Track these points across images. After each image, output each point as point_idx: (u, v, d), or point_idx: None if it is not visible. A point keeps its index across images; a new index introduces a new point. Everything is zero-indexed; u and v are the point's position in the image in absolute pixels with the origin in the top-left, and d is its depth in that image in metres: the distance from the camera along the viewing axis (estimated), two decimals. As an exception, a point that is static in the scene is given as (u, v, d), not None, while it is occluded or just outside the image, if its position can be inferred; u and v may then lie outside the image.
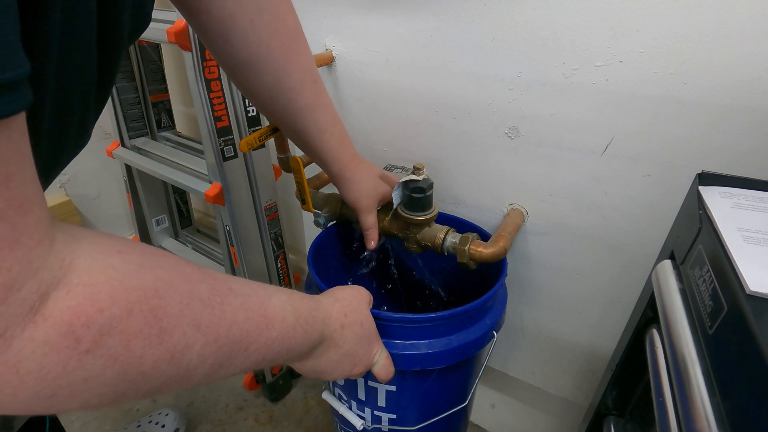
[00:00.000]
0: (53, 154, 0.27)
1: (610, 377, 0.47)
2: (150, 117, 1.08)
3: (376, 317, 0.47)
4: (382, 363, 0.46)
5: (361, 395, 0.59)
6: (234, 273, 0.94)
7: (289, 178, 0.94)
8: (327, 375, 0.42)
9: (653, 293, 0.37)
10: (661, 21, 0.47)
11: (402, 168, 0.68)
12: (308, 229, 1.03)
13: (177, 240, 1.23)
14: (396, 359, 0.49)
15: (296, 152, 0.63)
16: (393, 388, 0.57)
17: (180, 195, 1.23)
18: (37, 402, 0.21)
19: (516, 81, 0.58)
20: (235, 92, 0.79)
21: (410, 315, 0.50)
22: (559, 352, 0.75)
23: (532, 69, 0.56)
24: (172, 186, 1.19)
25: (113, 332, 0.21)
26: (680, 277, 0.35)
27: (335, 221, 0.67)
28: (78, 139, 0.30)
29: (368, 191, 0.57)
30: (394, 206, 0.59)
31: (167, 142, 1.09)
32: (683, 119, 0.49)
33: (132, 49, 0.99)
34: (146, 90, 1.04)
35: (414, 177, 0.54)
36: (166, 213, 1.21)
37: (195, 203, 1.38)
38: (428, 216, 0.57)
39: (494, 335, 0.55)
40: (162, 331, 0.24)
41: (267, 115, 0.54)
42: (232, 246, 0.88)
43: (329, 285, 0.49)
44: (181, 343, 0.25)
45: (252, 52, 0.43)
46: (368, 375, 0.47)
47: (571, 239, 0.64)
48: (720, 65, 0.46)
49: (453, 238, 0.57)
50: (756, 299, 0.25)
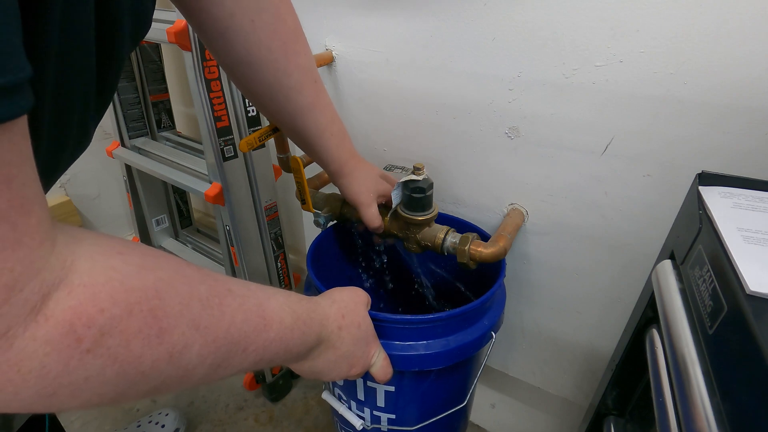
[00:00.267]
0: (53, 155, 0.27)
1: (610, 377, 0.47)
2: (150, 117, 1.08)
3: (374, 318, 0.47)
4: (380, 364, 0.46)
5: (361, 395, 0.59)
6: (234, 273, 0.94)
7: (289, 178, 0.94)
8: (325, 376, 0.42)
9: (653, 293, 0.37)
10: (661, 21, 0.47)
11: (402, 168, 0.68)
12: (308, 229, 1.03)
13: (177, 240, 1.23)
14: (394, 360, 0.49)
15: (296, 152, 0.63)
16: (392, 389, 0.57)
17: (180, 195, 1.23)
18: (39, 400, 0.21)
19: (516, 81, 0.58)
20: (235, 92, 0.79)
21: (408, 316, 0.50)
22: (559, 352, 0.75)
23: (532, 69, 0.56)
24: (172, 186, 1.19)
25: (113, 332, 0.22)
26: (680, 277, 0.35)
27: (335, 221, 0.67)
28: (79, 141, 0.30)
29: (367, 186, 0.57)
30: (394, 206, 0.59)
31: (167, 142, 1.09)
32: (683, 119, 0.49)
33: (133, 51, 0.99)
34: (146, 90, 1.04)
35: (414, 177, 0.54)
36: (166, 213, 1.21)
37: (195, 203, 1.38)
38: (428, 216, 0.57)
39: (492, 336, 0.55)
40: (161, 332, 0.24)
41: (266, 115, 0.54)
42: (232, 246, 0.88)
43: (328, 286, 0.49)
44: (180, 344, 0.25)
45: (252, 52, 0.43)
46: (367, 375, 0.47)
47: (571, 239, 0.64)
48: (720, 65, 0.45)
49: (453, 238, 0.57)
50: (756, 299, 0.25)
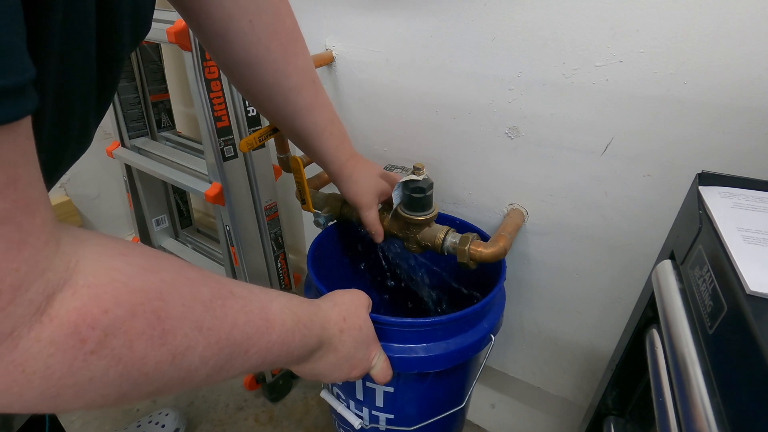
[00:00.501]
0: (54, 156, 0.27)
1: (610, 377, 0.47)
2: (150, 117, 1.08)
3: (375, 321, 0.47)
4: (380, 366, 0.46)
5: (360, 395, 0.59)
6: (234, 273, 0.94)
7: (289, 178, 0.94)
8: (325, 378, 0.42)
9: (653, 293, 0.37)
10: (661, 21, 0.47)
11: (402, 168, 0.68)
12: (308, 229, 1.03)
13: (177, 240, 1.23)
14: (394, 362, 0.49)
15: (296, 152, 0.63)
16: (391, 389, 0.57)
17: (180, 195, 1.23)
18: (43, 401, 0.21)
19: (516, 81, 0.58)
20: (235, 92, 0.79)
21: (408, 319, 0.50)
22: (559, 352, 0.75)
23: (532, 69, 0.56)
24: (172, 186, 1.19)
25: (117, 333, 0.22)
26: (680, 277, 0.35)
27: (335, 221, 0.67)
28: (80, 142, 0.30)
29: (368, 188, 0.57)
30: (394, 206, 0.59)
31: (167, 142, 1.09)
32: (683, 119, 0.49)
33: (133, 51, 0.99)
34: (146, 90, 1.04)
35: (414, 177, 0.54)
36: (166, 213, 1.21)
37: (195, 203, 1.38)
38: (428, 216, 0.57)
39: (491, 339, 0.55)
40: (164, 333, 0.24)
41: (266, 116, 0.53)
42: (232, 246, 0.88)
43: (328, 286, 0.49)
44: (183, 345, 0.25)
45: (251, 53, 0.43)
46: (367, 376, 0.47)
47: (571, 239, 0.64)
48: (720, 65, 0.45)
49: (453, 238, 0.57)
50: (756, 299, 0.25)
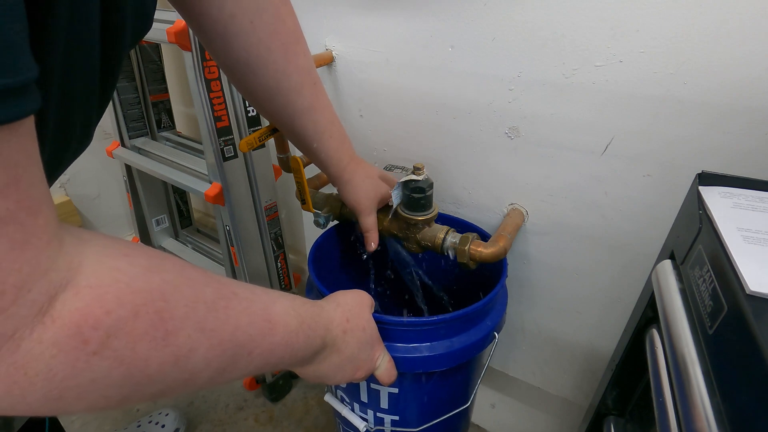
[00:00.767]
0: (56, 155, 0.27)
1: (610, 377, 0.47)
2: (150, 117, 1.08)
3: (378, 321, 0.47)
4: (385, 367, 0.46)
5: (364, 397, 0.59)
6: (234, 273, 0.94)
7: (289, 178, 0.94)
8: (329, 380, 0.41)
9: (653, 293, 0.37)
10: (661, 21, 0.47)
11: (402, 168, 0.68)
12: (308, 229, 1.03)
13: (177, 240, 1.23)
14: (398, 362, 0.49)
15: (296, 152, 0.63)
16: (395, 390, 0.57)
17: (180, 195, 1.23)
18: (45, 404, 0.21)
19: (516, 81, 0.58)
20: (235, 92, 0.79)
21: (411, 318, 0.50)
22: (559, 352, 0.75)
23: (532, 69, 0.56)
24: (172, 186, 1.19)
25: (120, 334, 0.21)
26: (680, 277, 0.35)
27: (335, 221, 0.67)
28: (81, 140, 0.30)
29: (367, 193, 0.57)
30: (394, 206, 0.59)
31: (167, 142, 1.09)
32: (683, 119, 0.49)
33: (132, 49, 0.99)
34: (146, 90, 1.04)
35: (414, 177, 0.54)
36: (166, 213, 1.21)
37: (195, 203, 1.38)
38: (428, 216, 0.57)
39: (495, 336, 0.55)
40: (167, 334, 0.24)
41: (266, 116, 0.53)
42: (232, 246, 0.88)
43: (330, 287, 0.49)
44: (186, 346, 0.25)
45: (252, 53, 0.43)
46: (371, 377, 0.47)
47: (571, 239, 0.64)
48: (720, 65, 0.45)
49: (453, 238, 0.57)
50: (756, 299, 0.25)
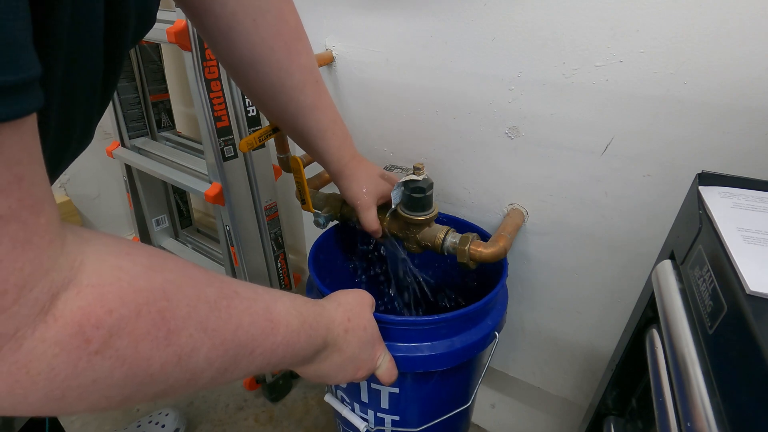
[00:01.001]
0: (57, 153, 0.27)
1: (610, 377, 0.47)
2: (150, 117, 1.08)
3: (379, 321, 0.47)
4: (386, 366, 0.46)
5: (364, 397, 0.59)
6: (234, 273, 0.94)
7: (289, 178, 0.94)
8: (330, 379, 0.41)
9: (653, 293, 0.37)
10: (661, 21, 0.47)
11: (402, 168, 0.68)
12: (308, 229, 1.03)
13: (177, 240, 1.23)
14: (399, 362, 0.49)
15: (296, 152, 0.63)
16: (396, 390, 0.57)
17: (180, 195, 1.23)
18: (47, 403, 0.20)
19: (516, 81, 0.58)
20: (235, 92, 0.79)
21: (412, 318, 0.50)
22: (559, 352, 0.75)
23: (532, 69, 0.56)
24: (172, 186, 1.19)
25: (122, 333, 0.21)
26: (680, 277, 0.35)
27: (335, 221, 0.67)
28: (82, 139, 0.30)
29: (368, 189, 0.57)
30: (394, 206, 0.59)
31: (167, 142, 1.09)
32: (683, 119, 0.49)
33: (132, 49, 0.99)
34: (146, 90, 1.04)
35: (414, 177, 0.54)
36: (166, 213, 1.21)
37: (195, 203, 1.38)
38: (428, 216, 0.57)
39: (496, 336, 0.55)
40: (170, 333, 0.24)
41: (268, 115, 0.54)
42: (232, 246, 0.88)
43: (330, 288, 0.49)
44: (188, 346, 0.25)
45: (255, 52, 0.43)
46: (371, 377, 0.47)
47: (571, 239, 0.64)
48: (720, 65, 0.45)
49: (453, 238, 0.57)
50: (756, 299, 0.25)
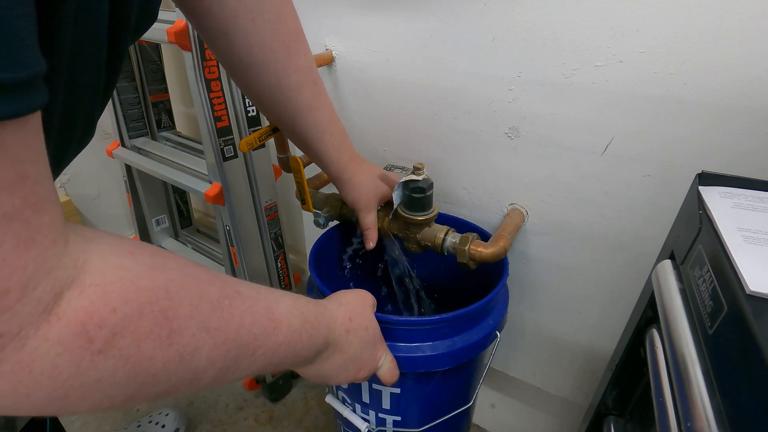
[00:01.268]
0: (60, 150, 0.27)
1: (610, 377, 0.47)
2: (150, 117, 1.08)
3: (380, 321, 0.47)
4: (387, 366, 0.46)
5: (366, 398, 0.59)
6: (234, 273, 0.94)
7: (289, 178, 0.94)
8: (332, 380, 0.41)
9: (653, 293, 0.37)
10: (661, 21, 0.47)
11: (402, 168, 0.68)
12: (308, 229, 1.03)
13: (177, 240, 1.23)
14: (400, 362, 0.49)
15: (296, 152, 0.63)
16: (397, 391, 0.57)
17: (180, 195, 1.23)
18: (50, 403, 0.20)
19: (516, 81, 0.58)
20: (235, 92, 0.79)
21: (414, 318, 0.50)
22: (559, 352, 0.75)
23: (532, 69, 0.56)
24: (172, 186, 1.19)
25: (125, 332, 0.21)
26: (680, 277, 0.35)
27: (335, 221, 0.67)
28: (83, 136, 0.30)
29: (367, 191, 0.57)
30: (394, 206, 0.59)
31: (167, 142, 1.09)
32: (683, 119, 0.49)
33: (132, 49, 0.99)
34: (146, 90, 1.04)
35: (414, 177, 0.54)
36: (166, 213, 1.21)
37: (195, 203, 1.38)
38: (428, 216, 0.57)
39: (497, 335, 0.55)
40: (172, 332, 0.24)
41: (267, 115, 0.53)
42: (232, 246, 0.88)
43: (331, 288, 0.49)
44: (191, 345, 0.25)
45: (253, 52, 0.43)
46: (373, 378, 0.47)
47: (571, 239, 0.64)
48: (720, 65, 0.45)
49: (453, 238, 0.57)
50: (756, 299, 0.25)
